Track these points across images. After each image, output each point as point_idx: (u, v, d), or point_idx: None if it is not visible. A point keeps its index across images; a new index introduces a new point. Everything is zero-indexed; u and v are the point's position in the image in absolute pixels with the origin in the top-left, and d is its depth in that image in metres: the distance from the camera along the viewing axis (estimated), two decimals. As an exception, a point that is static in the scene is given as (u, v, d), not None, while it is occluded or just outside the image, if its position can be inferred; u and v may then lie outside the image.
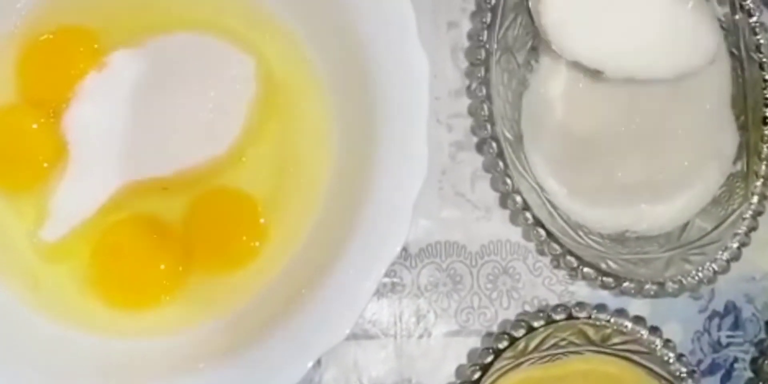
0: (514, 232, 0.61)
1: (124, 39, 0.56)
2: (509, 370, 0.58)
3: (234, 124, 0.55)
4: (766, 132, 0.61)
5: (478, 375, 0.57)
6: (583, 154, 0.60)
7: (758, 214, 0.60)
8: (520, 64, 0.61)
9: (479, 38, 0.59)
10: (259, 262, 0.55)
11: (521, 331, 0.58)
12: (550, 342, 0.58)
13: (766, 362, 0.61)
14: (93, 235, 0.55)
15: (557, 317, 0.59)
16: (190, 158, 0.55)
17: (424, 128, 0.50)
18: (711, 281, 0.60)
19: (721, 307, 0.62)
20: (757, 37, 0.61)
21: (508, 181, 0.58)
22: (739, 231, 0.60)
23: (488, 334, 0.60)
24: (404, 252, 0.60)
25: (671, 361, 0.59)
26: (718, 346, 0.62)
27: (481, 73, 0.59)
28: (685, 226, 0.61)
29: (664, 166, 0.61)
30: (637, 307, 0.61)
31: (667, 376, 0.59)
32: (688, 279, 0.59)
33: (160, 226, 0.56)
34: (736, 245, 0.60)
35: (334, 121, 0.55)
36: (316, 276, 0.51)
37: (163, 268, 0.55)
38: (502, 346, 0.58)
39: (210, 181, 0.56)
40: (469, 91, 0.61)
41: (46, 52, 0.57)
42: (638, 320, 0.59)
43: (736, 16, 0.61)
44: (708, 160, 0.61)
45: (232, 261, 0.55)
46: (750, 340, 0.62)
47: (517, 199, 0.58)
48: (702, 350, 0.62)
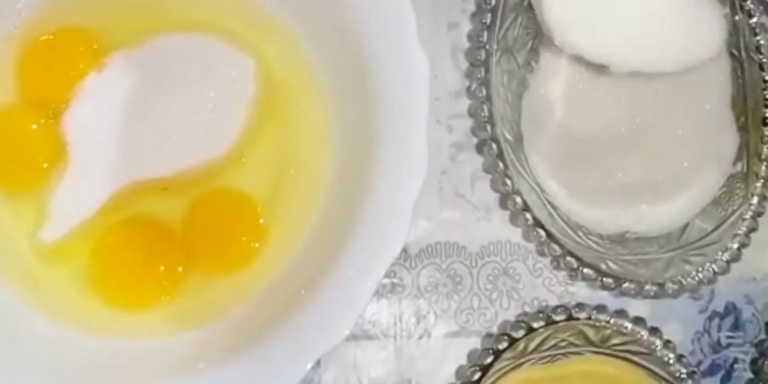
0: (514, 233, 0.61)
1: (124, 40, 0.56)
2: (509, 371, 0.58)
3: (234, 125, 0.55)
4: (766, 133, 0.61)
5: (478, 376, 0.57)
6: (583, 154, 0.60)
7: (758, 215, 0.60)
8: (520, 65, 0.60)
9: (479, 39, 0.59)
10: (259, 263, 0.55)
11: (521, 332, 0.58)
12: (550, 343, 0.58)
13: (766, 363, 0.61)
14: (93, 235, 0.55)
15: (557, 318, 0.59)
16: (190, 159, 0.55)
17: (424, 128, 0.50)
18: (711, 282, 0.60)
19: (721, 308, 0.62)
20: (757, 37, 0.61)
21: (508, 182, 0.58)
22: (739, 232, 0.60)
23: (488, 335, 0.60)
24: (404, 253, 0.60)
25: (671, 361, 0.59)
26: (718, 347, 0.62)
27: (481, 73, 0.59)
28: (685, 227, 0.61)
29: (664, 167, 0.61)
30: (637, 307, 0.61)
31: (667, 376, 0.59)
32: (688, 280, 0.59)
33: (159, 226, 0.56)
34: (736, 246, 0.60)
35: (334, 121, 0.55)
36: (316, 277, 0.51)
37: (163, 268, 0.55)
38: (502, 346, 0.58)
39: (210, 181, 0.56)
40: (469, 91, 0.61)
41: (46, 53, 0.57)
42: (638, 321, 0.59)
43: (736, 17, 0.61)
44: (708, 161, 0.61)
45: (232, 262, 0.55)
46: (750, 341, 0.62)
47: (517, 199, 0.58)
48: (702, 351, 0.62)
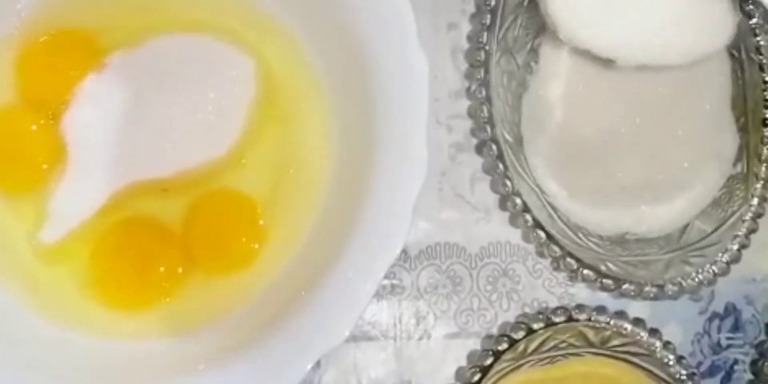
0: (513, 234, 0.61)
1: (124, 40, 0.56)
2: (509, 372, 0.58)
3: (233, 126, 0.55)
4: (766, 134, 0.61)
5: (477, 377, 0.57)
6: (583, 155, 0.60)
7: (758, 216, 0.60)
8: (520, 66, 0.60)
9: (479, 40, 0.59)
10: (259, 264, 0.55)
11: (521, 334, 0.58)
12: (550, 344, 0.58)
13: (766, 364, 0.61)
14: (92, 236, 0.55)
15: (557, 319, 0.59)
16: (190, 159, 0.54)
17: (423, 129, 0.50)
18: (711, 283, 0.60)
19: (721, 309, 0.62)
20: (757, 38, 0.61)
21: (508, 183, 0.58)
22: (739, 233, 0.60)
23: (488, 336, 0.60)
24: (404, 254, 0.60)
25: (671, 363, 0.59)
26: (718, 348, 0.62)
27: (481, 74, 0.59)
28: (685, 228, 0.61)
29: (664, 168, 0.61)
30: (637, 309, 0.61)
31: (666, 378, 0.59)
32: (688, 281, 0.59)
33: (159, 227, 0.56)
34: (736, 247, 0.60)
35: (334, 122, 0.55)
36: (316, 277, 0.50)
37: (163, 269, 0.55)
38: (501, 348, 0.58)
39: (209, 182, 0.56)
40: (469, 92, 0.61)
41: (46, 54, 0.56)
42: (638, 322, 0.59)
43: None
44: (708, 162, 0.61)
45: (232, 262, 0.55)
46: (750, 342, 0.62)
47: (517, 201, 0.58)
48: (702, 352, 0.62)
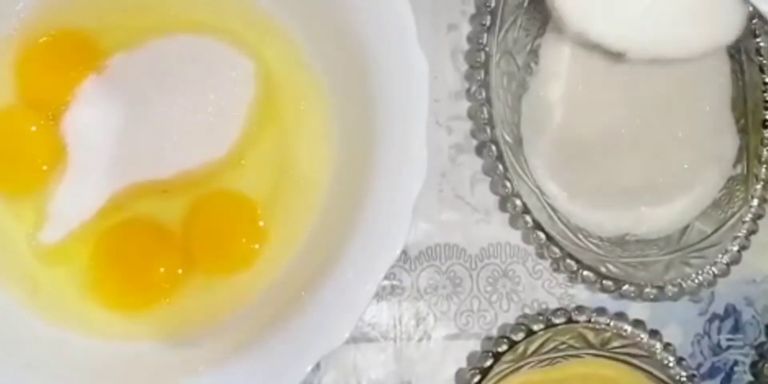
0: (513, 235, 0.61)
1: (124, 41, 0.56)
2: (509, 374, 0.58)
3: (233, 127, 0.55)
4: (766, 135, 0.61)
5: (477, 378, 0.57)
6: (583, 156, 0.60)
7: (758, 217, 0.60)
8: (520, 67, 0.60)
9: (479, 41, 0.59)
10: (259, 265, 0.55)
11: (521, 335, 0.58)
12: (550, 346, 0.58)
13: (767, 366, 0.61)
14: (92, 237, 0.55)
15: (557, 321, 0.59)
16: (190, 160, 0.54)
17: (423, 129, 0.50)
18: (711, 284, 0.60)
19: (721, 310, 0.62)
20: (757, 39, 0.61)
21: (508, 184, 0.58)
22: (739, 234, 0.60)
23: (488, 338, 0.60)
24: (404, 255, 0.60)
25: (671, 364, 0.59)
26: (718, 349, 0.62)
27: (481, 75, 0.59)
28: (685, 229, 0.61)
29: (664, 169, 0.61)
30: (637, 310, 0.61)
31: (666, 379, 0.59)
32: (688, 282, 0.59)
33: (159, 228, 0.56)
34: (736, 248, 0.60)
35: (334, 122, 0.55)
36: (316, 278, 0.51)
37: (163, 270, 0.55)
38: (501, 349, 0.58)
39: (209, 183, 0.56)
40: (469, 94, 0.61)
41: (46, 55, 0.56)
42: (638, 324, 0.59)
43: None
44: (708, 163, 0.61)
45: (232, 263, 0.55)
46: (750, 344, 0.62)
47: (517, 202, 0.58)
48: (702, 353, 0.62)
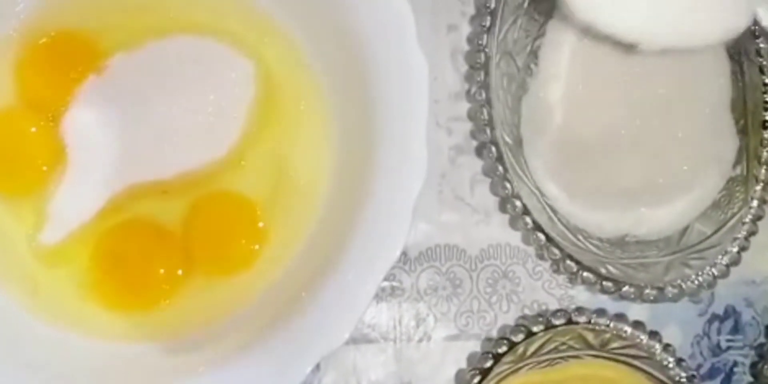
0: (513, 236, 0.61)
1: (124, 42, 0.56)
2: (508, 375, 0.58)
3: (233, 127, 0.55)
4: (766, 136, 0.61)
5: (477, 379, 0.57)
6: (583, 158, 0.60)
7: (758, 218, 0.60)
8: (520, 68, 0.60)
9: (479, 42, 0.59)
10: (259, 265, 0.55)
11: (520, 336, 0.58)
12: (550, 347, 0.58)
13: (766, 367, 0.61)
14: (92, 238, 0.55)
15: (557, 322, 0.59)
16: (190, 161, 0.54)
17: (423, 130, 0.50)
18: (711, 286, 0.59)
19: (720, 311, 0.62)
20: (757, 41, 0.61)
21: (508, 185, 0.58)
22: (739, 235, 0.60)
23: (488, 339, 0.60)
24: (404, 256, 0.60)
25: (671, 365, 0.59)
26: (717, 350, 0.62)
27: (481, 77, 0.58)
28: (685, 230, 0.61)
29: (664, 170, 0.61)
30: (637, 311, 0.61)
31: (666, 380, 0.59)
32: (688, 283, 0.59)
33: (159, 229, 0.56)
34: (735, 249, 0.60)
35: (334, 123, 0.55)
36: (316, 279, 0.51)
37: (163, 271, 0.55)
38: (501, 350, 0.58)
39: (209, 184, 0.56)
40: (469, 95, 0.61)
41: (46, 56, 0.56)
42: (637, 325, 0.59)
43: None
44: (708, 164, 0.61)
45: (232, 264, 0.55)
46: (750, 344, 0.62)
47: (517, 203, 0.58)
48: (702, 354, 0.62)
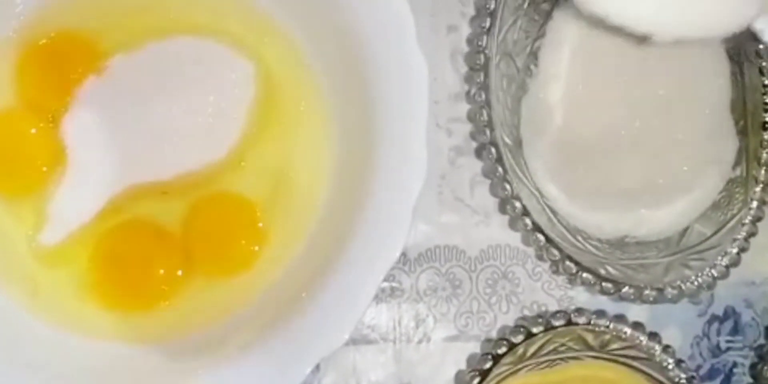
0: (513, 237, 0.61)
1: (123, 43, 0.56)
2: (508, 376, 0.57)
3: (233, 128, 0.55)
4: (766, 137, 0.60)
5: (477, 380, 0.57)
6: (583, 158, 0.60)
7: (757, 219, 0.60)
8: (520, 69, 0.60)
9: (478, 43, 0.59)
10: (259, 266, 0.55)
11: (520, 337, 0.58)
12: (549, 348, 0.58)
13: (766, 368, 0.61)
14: (92, 239, 0.55)
15: (556, 323, 0.58)
16: (190, 162, 0.55)
17: (423, 131, 0.50)
18: (710, 287, 0.59)
19: (720, 312, 0.62)
20: (757, 41, 0.61)
21: (508, 186, 0.58)
22: (739, 236, 0.60)
23: (487, 340, 0.60)
24: (403, 256, 0.60)
25: (670, 366, 0.59)
26: (717, 351, 0.62)
27: (480, 78, 0.58)
28: (685, 232, 0.61)
29: (664, 171, 0.60)
30: (636, 312, 0.61)
31: (666, 381, 0.59)
32: (687, 284, 0.59)
33: (159, 230, 0.56)
34: (735, 251, 0.60)
35: (334, 124, 0.55)
36: (316, 280, 0.51)
37: (162, 272, 0.55)
38: (501, 351, 0.58)
39: (209, 185, 0.56)
40: (468, 96, 0.61)
41: (45, 57, 0.56)
42: (637, 326, 0.59)
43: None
44: (707, 165, 0.61)
45: (232, 265, 0.55)
46: (749, 345, 0.62)
47: (517, 204, 0.58)
48: (701, 355, 0.62)
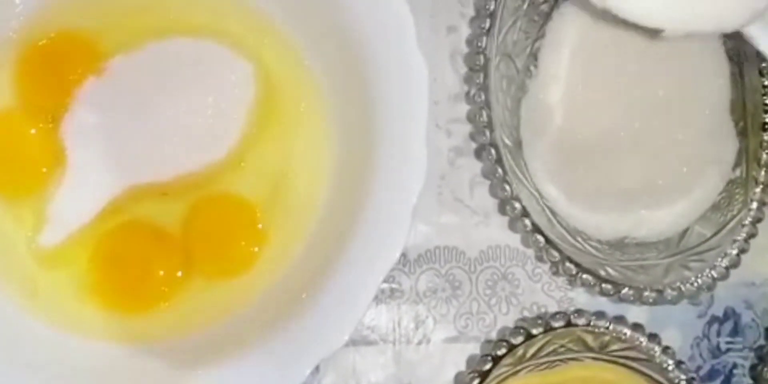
0: (513, 238, 0.61)
1: (123, 44, 0.56)
2: (508, 377, 0.57)
3: (233, 129, 0.55)
4: (766, 138, 0.60)
5: (476, 382, 0.57)
6: (583, 159, 0.60)
7: (757, 220, 0.60)
8: (519, 70, 0.60)
9: (478, 44, 0.59)
10: (259, 267, 0.55)
11: (520, 338, 0.58)
12: (549, 349, 0.58)
13: (766, 369, 0.61)
14: (91, 240, 0.55)
15: (556, 324, 0.58)
16: (190, 163, 0.54)
17: (423, 131, 0.50)
18: (710, 288, 0.59)
19: (720, 313, 0.62)
20: (757, 42, 0.61)
21: (507, 187, 0.58)
22: (739, 237, 0.60)
23: (487, 341, 0.60)
24: (403, 257, 0.60)
25: (670, 368, 0.59)
26: (717, 352, 0.62)
27: (480, 79, 0.58)
28: (685, 233, 0.61)
29: (664, 172, 0.60)
30: (636, 313, 0.61)
31: (666, 383, 0.58)
32: (687, 286, 0.59)
33: (158, 231, 0.56)
34: (735, 252, 0.60)
35: (333, 125, 0.55)
36: (315, 281, 0.51)
37: (162, 273, 0.55)
38: (500, 353, 0.58)
39: (209, 186, 0.56)
40: (468, 97, 0.61)
41: (45, 57, 0.56)
42: (637, 327, 0.59)
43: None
44: (707, 166, 0.61)
45: (231, 266, 0.55)
46: (749, 346, 0.62)
47: (516, 205, 0.58)
48: (701, 356, 0.62)
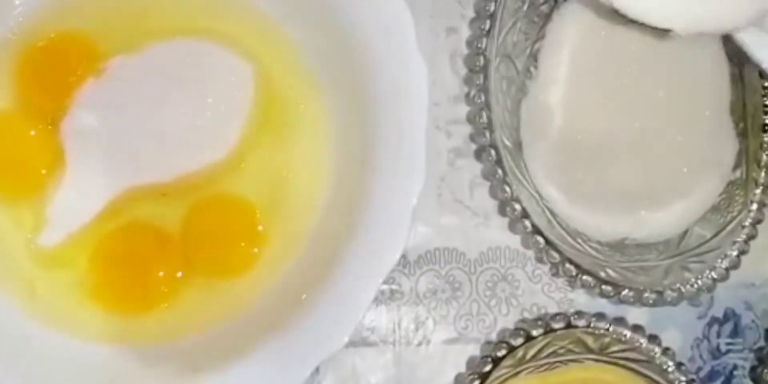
0: (513, 240, 0.61)
1: (123, 45, 0.56)
2: (508, 379, 0.57)
3: (232, 130, 0.55)
4: (766, 139, 0.61)
5: (476, 383, 0.57)
6: (583, 161, 0.60)
7: (757, 222, 0.60)
8: (519, 71, 0.60)
9: (478, 45, 0.59)
10: (259, 268, 0.55)
11: (520, 340, 0.58)
12: (549, 350, 0.58)
13: (766, 370, 0.61)
14: (91, 241, 0.55)
15: (556, 326, 0.58)
16: (189, 164, 0.54)
17: (423, 132, 0.50)
18: (710, 289, 0.59)
19: (720, 314, 0.62)
20: (757, 43, 0.61)
21: (507, 188, 0.58)
22: (739, 239, 0.60)
23: (487, 342, 0.60)
24: (403, 259, 0.60)
25: (670, 369, 0.59)
26: (717, 353, 0.62)
27: (480, 80, 0.58)
28: (685, 234, 0.61)
29: (664, 173, 0.60)
30: (636, 315, 0.61)
31: (666, 384, 0.59)
32: (687, 287, 0.59)
33: (158, 232, 0.56)
34: (735, 253, 0.60)
35: (333, 126, 0.55)
36: (315, 282, 0.51)
37: (162, 274, 0.55)
38: (500, 354, 0.58)
39: (209, 187, 0.56)
40: (468, 98, 0.61)
41: (44, 59, 0.56)
42: (637, 328, 0.59)
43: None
44: (707, 168, 0.61)
45: (231, 267, 0.55)
46: (749, 348, 0.62)
47: (516, 206, 0.58)
48: (701, 357, 0.62)
